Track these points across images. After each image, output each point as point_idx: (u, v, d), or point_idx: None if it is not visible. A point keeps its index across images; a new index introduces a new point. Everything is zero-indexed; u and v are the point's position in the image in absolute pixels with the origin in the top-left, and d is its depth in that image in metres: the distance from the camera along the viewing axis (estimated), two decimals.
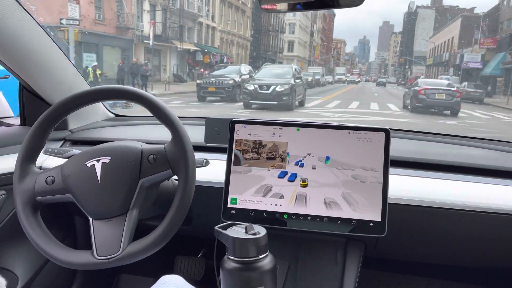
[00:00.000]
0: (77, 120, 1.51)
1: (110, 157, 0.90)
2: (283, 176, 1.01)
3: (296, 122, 1.04)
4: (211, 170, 1.05)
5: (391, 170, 1.00)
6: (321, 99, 16.60)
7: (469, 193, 1.07)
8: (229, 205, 1.03)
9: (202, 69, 23.78)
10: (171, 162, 0.89)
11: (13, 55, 1.21)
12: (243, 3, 37.51)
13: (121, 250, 0.84)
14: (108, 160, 0.89)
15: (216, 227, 0.78)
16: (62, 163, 0.94)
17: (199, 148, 1.14)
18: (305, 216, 0.99)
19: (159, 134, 1.19)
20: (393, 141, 1.02)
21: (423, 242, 1.14)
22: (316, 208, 0.99)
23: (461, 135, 1.40)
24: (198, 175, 0.92)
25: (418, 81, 15.14)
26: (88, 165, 0.89)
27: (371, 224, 0.97)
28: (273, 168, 1.02)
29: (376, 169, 0.98)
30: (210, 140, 1.13)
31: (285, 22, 50.52)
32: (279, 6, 1.01)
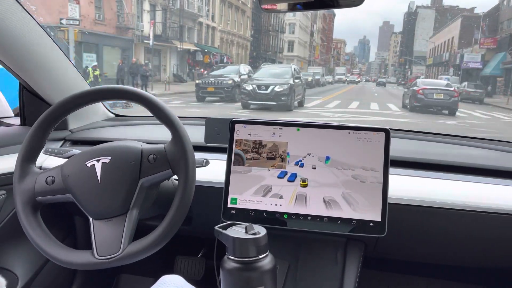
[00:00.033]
0: (77, 120, 1.51)
1: (110, 157, 0.90)
2: (283, 176, 1.01)
3: (296, 122, 1.04)
4: (211, 170, 1.05)
5: (391, 170, 1.00)
6: (321, 99, 16.60)
7: (469, 193, 1.07)
8: (229, 205, 1.03)
9: (202, 69, 23.78)
10: (171, 162, 0.89)
11: (13, 55, 1.21)
12: (243, 3, 37.51)
13: (121, 250, 0.84)
14: (108, 160, 0.89)
15: (216, 227, 0.78)
16: (62, 163, 0.94)
17: (199, 148, 1.14)
18: (305, 216, 0.99)
19: (159, 134, 1.19)
20: (393, 141, 1.02)
21: (423, 242, 1.14)
22: (316, 208, 0.99)
23: (461, 135, 1.40)
24: (198, 175, 0.92)
25: (417, 81, 15.37)
26: (88, 165, 0.89)
27: (371, 224, 0.97)
28: (273, 168, 1.02)
29: (376, 169, 0.98)
30: (210, 140, 1.13)
31: (285, 22, 50.52)
32: (279, 6, 1.01)
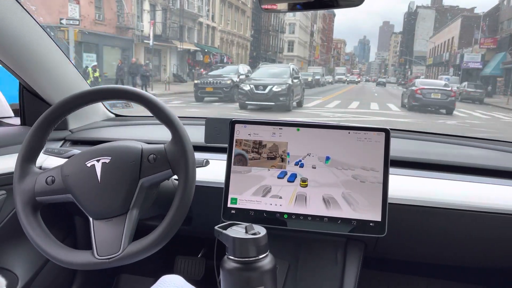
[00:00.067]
0: (77, 120, 1.51)
1: (110, 157, 0.90)
2: (283, 177, 1.01)
3: (296, 122, 1.04)
4: (211, 170, 1.05)
5: (391, 170, 1.00)
6: (321, 99, 16.60)
7: (469, 193, 1.07)
8: (229, 205, 1.03)
9: (202, 69, 23.76)
10: (171, 162, 0.89)
11: (13, 55, 1.21)
12: (243, 3, 37.51)
13: (121, 250, 0.84)
14: (108, 160, 0.89)
15: (216, 227, 0.78)
16: (62, 163, 0.94)
17: (199, 148, 1.14)
18: (305, 216, 0.99)
19: (159, 134, 1.19)
20: (393, 141, 1.02)
21: (423, 242, 1.14)
22: (316, 208, 0.99)
23: (461, 135, 1.40)
24: (198, 175, 0.92)
25: (415, 81, 15.73)
26: (88, 165, 0.89)
27: (371, 224, 0.97)
28: (273, 168, 1.02)
29: (376, 169, 0.98)
30: (210, 140, 1.13)
31: (285, 22, 50.52)
32: (279, 6, 1.01)
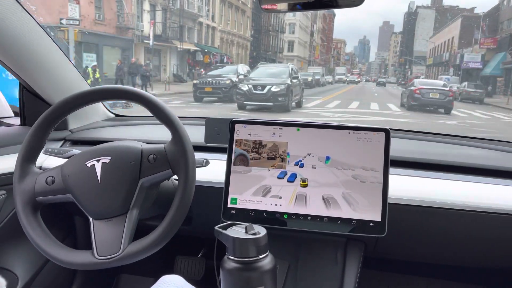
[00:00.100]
0: (77, 120, 1.51)
1: (110, 157, 0.90)
2: (283, 177, 1.01)
3: (296, 122, 1.04)
4: (211, 170, 1.05)
5: (391, 170, 1.00)
6: (321, 99, 16.61)
7: (469, 193, 1.07)
8: (229, 205, 1.03)
9: (202, 69, 23.75)
10: (171, 162, 0.89)
11: (13, 55, 1.21)
12: (243, 3, 37.51)
13: (121, 250, 0.84)
14: (108, 160, 0.89)
15: (216, 227, 0.78)
16: (62, 163, 0.94)
17: (199, 148, 1.14)
18: (305, 216, 0.99)
19: (159, 134, 1.19)
20: (393, 141, 1.02)
21: (423, 242, 1.14)
22: (316, 208, 0.99)
23: (461, 135, 1.40)
24: (198, 175, 0.92)
25: (414, 81, 16.06)
26: (88, 165, 0.89)
27: (371, 224, 0.97)
28: (273, 168, 1.02)
29: (376, 169, 0.98)
30: (210, 140, 1.13)
31: (285, 22, 50.52)
32: (279, 6, 1.01)
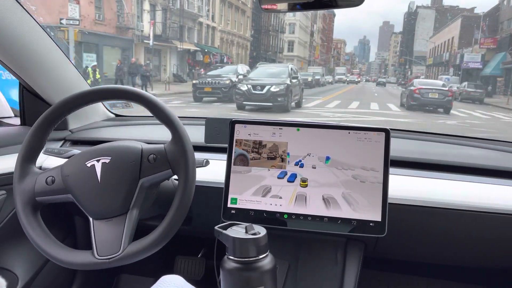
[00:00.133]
0: (77, 120, 1.51)
1: (110, 157, 0.90)
2: (283, 177, 1.01)
3: (296, 122, 1.04)
4: (211, 170, 1.05)
5: (391, 170, 1.00)
6: (321, 99, 16.61)
7: (469, 193, 1.07)
8: (229, 205, 1.03)
9: (202, 69, 23.75)
10: (171, 162, 0.89)
11: (13, 55, 1.21)
12: (243, 3, 37.51)
13: (122, 250, 0.84)
14: (108, 160, 0.89)
15: (216, 227, 0.78)
16: (62, 163, 0.94)
17: (199, 148, 1.14)
18: (305, 216, 0.99)
19: (159, 134, 1.19)
20: (393, 141, 1.02)
21: (423, 242, 1.14)
22: (316, 208, 0.99)
23: (461, 135, 1.40)
24: (198, 175, 0.92)
25: (414, 81, 16.23)
26: (88, 165, 0.89)
27: (371, 224, 0.97)
28: (273, 168, 1.02)
29: (376, 169, 0.98)
30: (210, 140, 1.13)
31: (285, 22, 50.51)
32: (279, 6, 1.01)
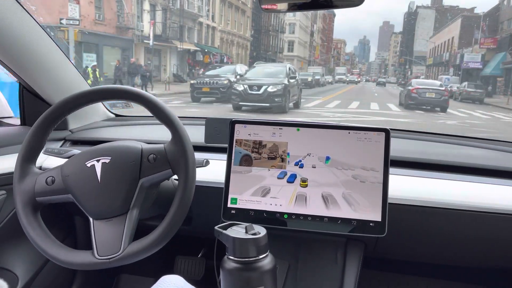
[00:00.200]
0: (77, 120, 1.51)
1: (110, 157, 0.90)
2: (283, 177, 1.01)
3: (296, 122, 1.04)
4: (211, 170, 1.05)
5: (391, 170, 1.00)
6: (321, 99, 16.62)
7: (469, 193, 1.07)
8: (229, 205, 1.03)
9: (202, 69, 23.76)
10: (171, 162, 0.89)
11: (13, 55, 1.21)
12: (243, 3, 37.50)
13: (122, 250, 0.84)
14: (108, 160, 0.89)
15: (216, 227, 0.78)
16: (62, 163, 0.94)
17: (199, 148, 1.14)
18: (305, 216, 0.99)
19: (159, 134, 1.19)
20: (393, 141, 1.02)
21: (423, 242, 1.14)
22: (316, 208, 0.99)
23: (461, 135, 1.40)
24: (198, 175, 0.92)
25: (412, 81, 16.70)
26: (88, 165, 0.89)
27: (371, 224, 0.97)
28: (273, 168, 1.02)
29: (376, 169, 0.98)
30: (210, 140, 1.13)
31: (285, 22, 50.51)
32: (279, 6, 1.01)
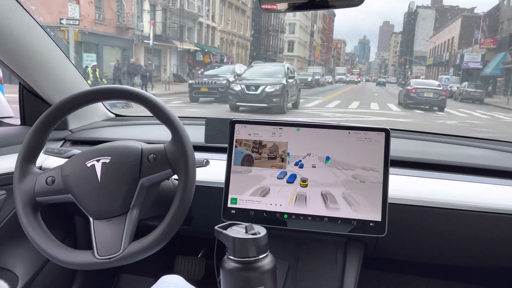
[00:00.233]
0: (77, 120, 1.51)
1: (110, 157, 0.90)
2: (283, 177, 1.01)
3: (296, 122, 1.04)
4: (211, 170, 1.05)
5: (391, 170, 1.00)
6: (321, 99, 16.62)
7: (469, 193, 1.07)
8: (229, 205, 1.03)
9: (202, 69, 23.76)
10: (171, 162, 0.89)
11: (13, 55, 1.21)
12: (243, 3, 37.50)
13: (122, 250, 0.84)
14: (108, 160, 0.89)
15: (216, 227, 0.79)
16: (62, 163, 0.94)
17: (199, 148, 1.14)
18: (305, 216, 0.99)
19: (159, 134, 1.19)
20: (393, 141, 1.01)
21: (423, 242, 1.14)
22: (316, 208, 0.99)
23: (462, 135, 1.40)
24: (198, 175, 0.92)
25: (410, 81, 17.00)
26: (88, 165, 0.89)
27: (371, 224, 0.97)
28: (273, 168, 1.02)
29: (376, 169, 0.98)
30: (210, 140, 1.13)
31: (285, 22, 50.51)
32: (279, 6, 1.01)
